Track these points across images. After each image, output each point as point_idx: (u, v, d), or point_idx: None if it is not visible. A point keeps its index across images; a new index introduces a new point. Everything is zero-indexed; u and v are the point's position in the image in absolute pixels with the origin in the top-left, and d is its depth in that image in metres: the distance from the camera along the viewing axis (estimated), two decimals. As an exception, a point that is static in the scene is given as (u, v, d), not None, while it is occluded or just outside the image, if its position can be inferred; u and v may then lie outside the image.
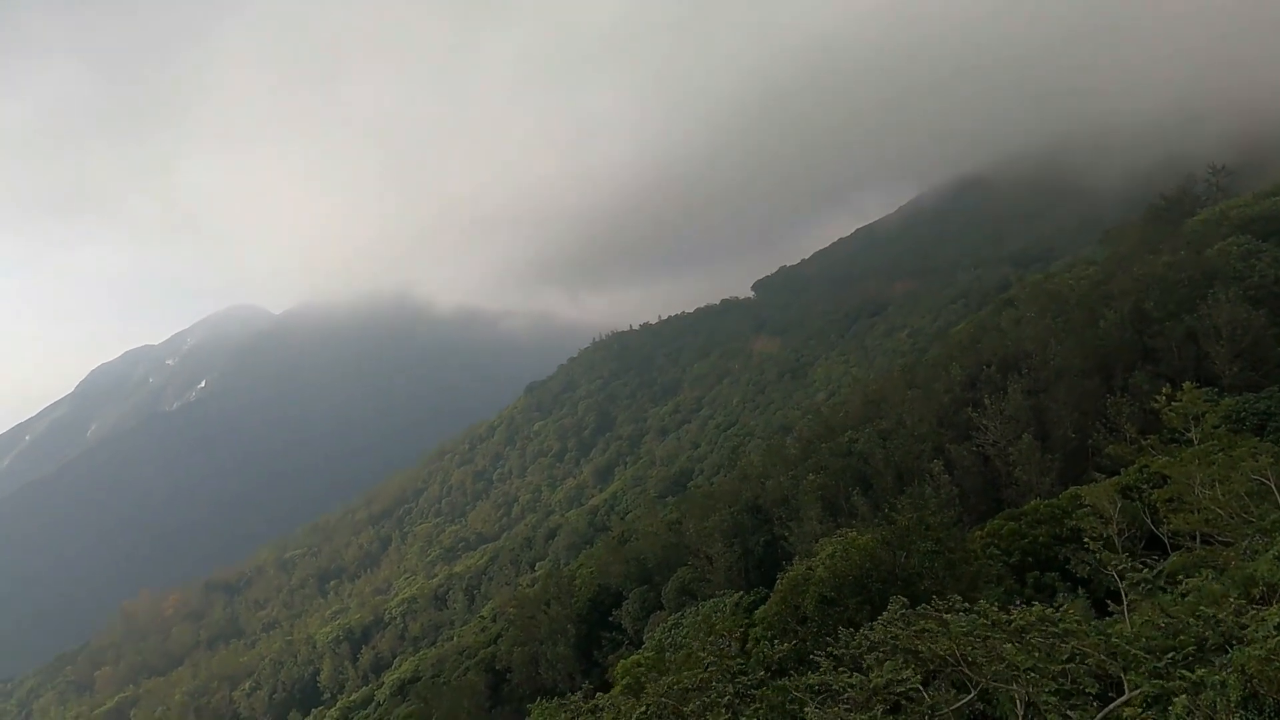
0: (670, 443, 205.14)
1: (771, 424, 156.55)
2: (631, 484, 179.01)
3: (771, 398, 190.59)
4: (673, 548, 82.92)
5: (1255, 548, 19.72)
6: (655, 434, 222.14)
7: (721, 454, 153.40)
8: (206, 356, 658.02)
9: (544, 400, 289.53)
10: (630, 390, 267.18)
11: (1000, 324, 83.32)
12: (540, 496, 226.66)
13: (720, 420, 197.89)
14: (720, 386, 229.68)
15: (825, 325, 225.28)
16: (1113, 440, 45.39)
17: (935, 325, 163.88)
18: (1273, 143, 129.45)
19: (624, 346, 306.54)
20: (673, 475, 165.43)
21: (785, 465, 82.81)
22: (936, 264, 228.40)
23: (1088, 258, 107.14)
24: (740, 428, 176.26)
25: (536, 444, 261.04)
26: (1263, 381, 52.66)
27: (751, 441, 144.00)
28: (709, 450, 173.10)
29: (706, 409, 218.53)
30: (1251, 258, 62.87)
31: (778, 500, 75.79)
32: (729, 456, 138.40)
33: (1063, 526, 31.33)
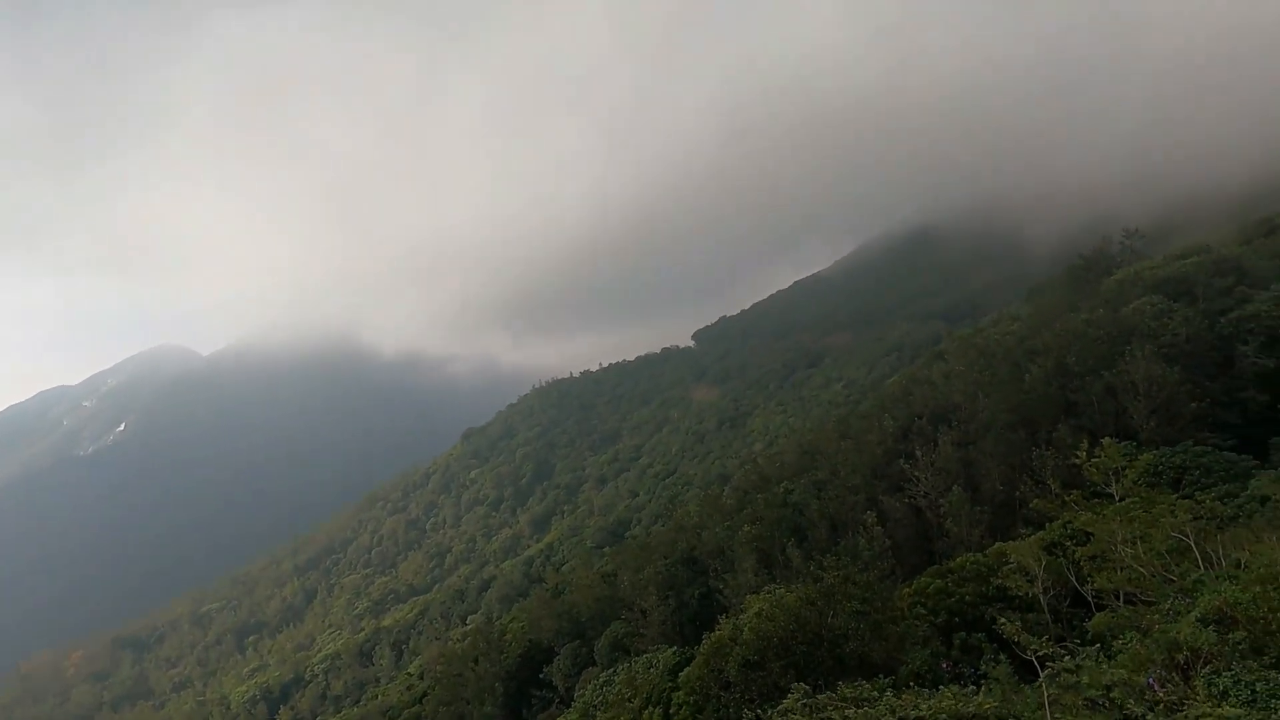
0: (608, 492, 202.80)
1: (710, 473, 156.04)
2: (568, 534, 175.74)
3: (710, 446, 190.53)
4: (607, 600, 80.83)
5: (1177, 608, 19.52)
6: (594, 483, 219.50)
7: (659, 503, 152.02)
8: (128, 398, 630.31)
9: (482, 447, 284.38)
10: (569, 438, 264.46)
11: (931, 377, 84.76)
12: (475, 546, 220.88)
13: (659, 469, 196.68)
14: (660, 435, 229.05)
15: (764, 375, 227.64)
16: (1038, 494, 45.88)
17: (870, 377, 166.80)
18: (1186, 210, 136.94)
19: (564, 394, 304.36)
20: (610, 525, 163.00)
21: (721, 516, 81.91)
22: (873, 316, 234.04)
23: (1013, 313, 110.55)
24: (679, 477, 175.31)
25: (473, 492, 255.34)
26: (1178, 436, 54.19)
27: (689, 491, 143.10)
28: (647, 499, 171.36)
29: (646, 457, 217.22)
30: (1164, 317, 65.28)
31: (713, 551, 74.72)
32: (666, 506, 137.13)
33: (989, 585, 31.09)
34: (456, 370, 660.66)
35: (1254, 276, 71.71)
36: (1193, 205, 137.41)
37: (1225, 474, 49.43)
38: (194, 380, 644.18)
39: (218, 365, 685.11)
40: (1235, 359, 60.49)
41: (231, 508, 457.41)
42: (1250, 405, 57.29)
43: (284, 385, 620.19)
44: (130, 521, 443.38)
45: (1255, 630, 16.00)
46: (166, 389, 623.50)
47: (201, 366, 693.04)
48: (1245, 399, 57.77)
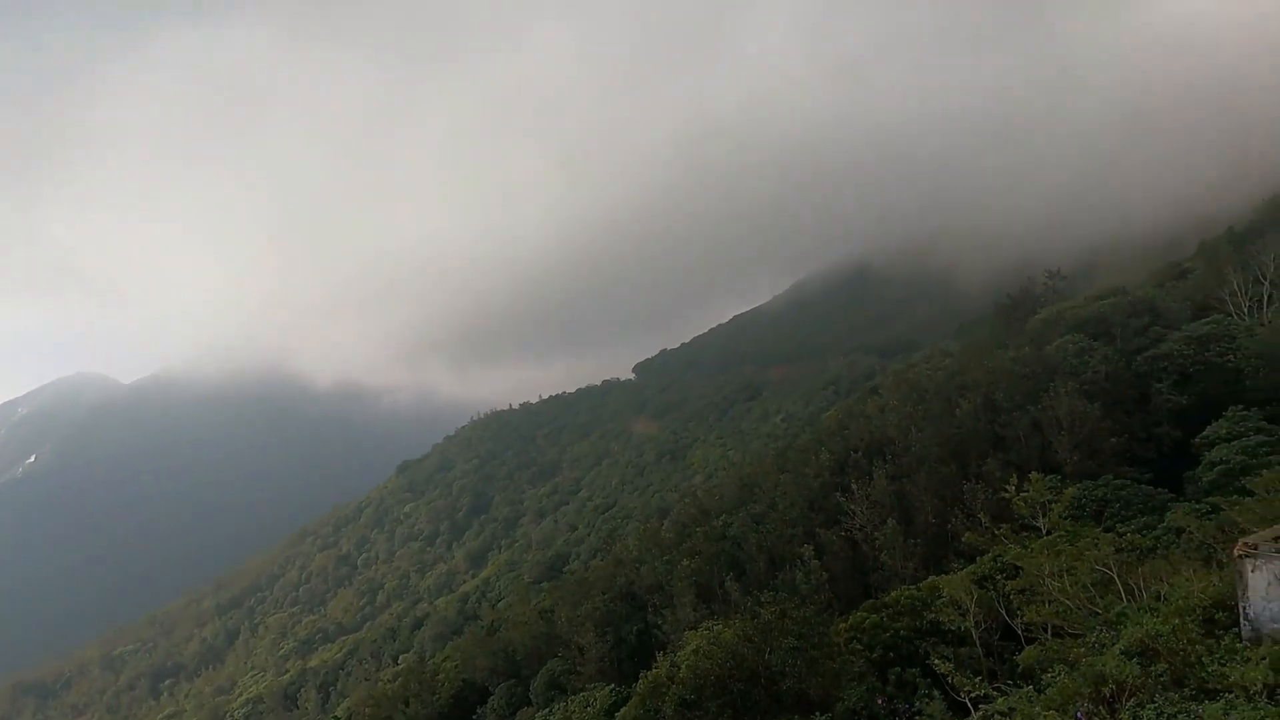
0: (547, 525, 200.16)
1: (649, 506, 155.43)
2: (505, 569, 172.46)
3: (650, 479, 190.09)
4: (543, 638, 79.24)
5: (1102, 641, 19.95)
6: (532, 516, 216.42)
7: (599, 537, 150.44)
8: (40, 428, 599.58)
9: (417, 480, 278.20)
10: (508, 471, 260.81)
11: (867, 411, 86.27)
12: (408, 583, 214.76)
13: (599, 502, 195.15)
14: (600, 468, 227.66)
15: (704, 408, 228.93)
16: (969, 527, 46.85)
17: (808, 410, 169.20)
18: (1106, 253, 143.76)
19: (503, 426, 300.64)
20: (548, 560, 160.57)
21: (660, 550, 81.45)
22: (811, 350, 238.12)
23: (945, 350, 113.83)
24: (618, 510, 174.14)
25: (407, 526, 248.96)
26: (1099, 469, 56.28)
27: (629, 524, 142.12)
28: (587, 533, 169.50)
29: (585, 490, 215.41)
30: (1084, 355, 67.99)
31: (652, 586, 74.16)
32: (605, 540, 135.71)
33: (923, 619, 31.46)
34: (396, 401, 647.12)
35: (1166, 317, 75.33)
36: (1113, 249, 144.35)
37: (1144, 506, 51.39)
38: (113, 409, 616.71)
39: (140, 394, 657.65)
40: (1150, 395, 63.21)
41: (151, 545, 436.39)
42: (1165, 440, 59.82)
43: (211, 415, 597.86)
44: (39, 560, 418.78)
45: (1175, 662, 16.37)
46: (83, 418, 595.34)
47: (122, 394, 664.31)
48: (1160, 434, 60.32)
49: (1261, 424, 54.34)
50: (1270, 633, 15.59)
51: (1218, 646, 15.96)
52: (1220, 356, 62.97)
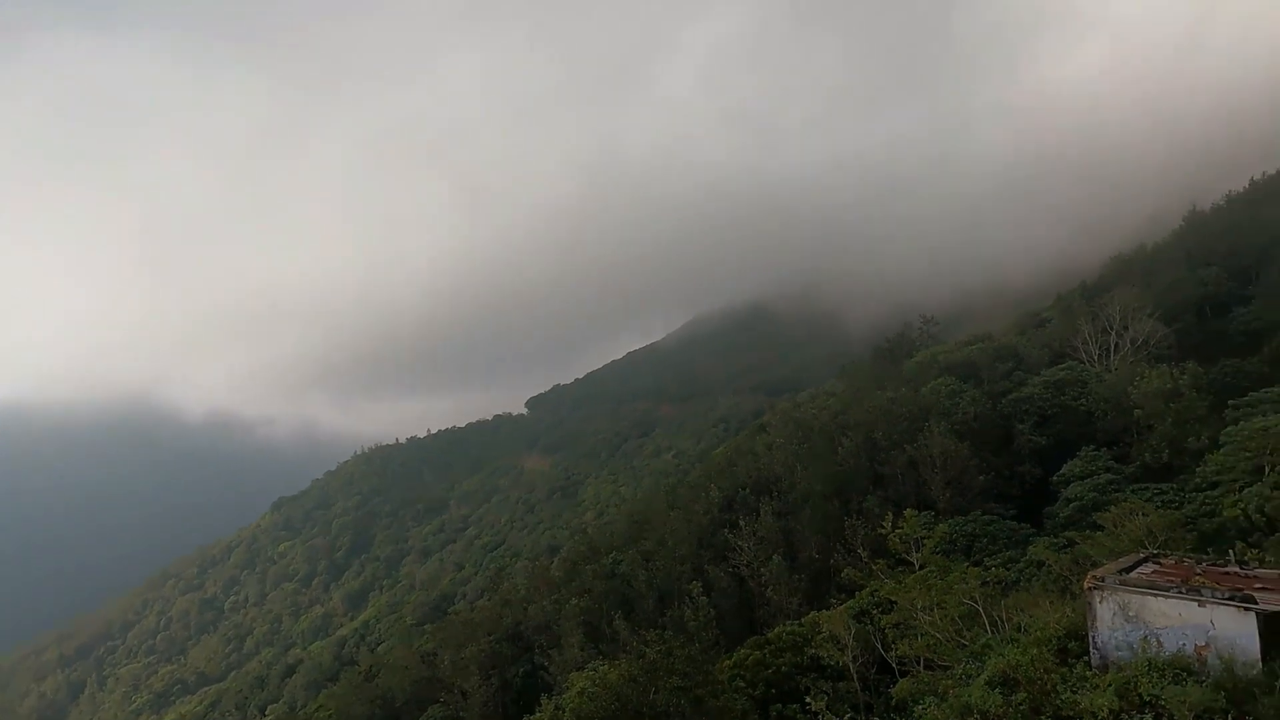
0: (432, 565, 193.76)
1: (539, 544, 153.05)
2: (387, 611, 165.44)
3: (541, 517, 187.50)
4: (425, 682, 76.17)
5: (969, 672, 20.78)
6: (417, 555, 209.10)
7: (486, 576, 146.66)
8: None
9: (294, 517, 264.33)
10: (392, 508, 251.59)
11: (755, 448, 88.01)
12: (280, 627, 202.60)
13: (487, 540, 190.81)
14: (489, 505, 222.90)
15: (596, 444, 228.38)
16: (850, 562, 48.27)
17: (699, 447, 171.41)
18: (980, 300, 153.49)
19: (389, 461, 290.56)
20: (433, 600, 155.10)
21: (549, 589, 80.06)
22: (703, 388, 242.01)
23: (829, 389, 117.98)
24: (507, 548, 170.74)
25: (281, 567, 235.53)
26: (969, 506, 59.37)
27: (518, 563, 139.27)
28: (474, 572, 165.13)
29: (474, 528, 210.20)
30: (956, 396, 71.99)
31: (540, 626, 72.73)
32: (493, 579, 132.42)
33: (804, 655, 32.06)
34: (273, 433, 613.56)
35: (1028, 363, 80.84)
36: (986, 297, 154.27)
37: (1008, 541, 54.41)
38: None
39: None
40: (1014, 436, 67.37)
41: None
42: (1027, 478, 63.82)
43: (64, 448, 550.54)
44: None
45: (1034, 691, 17.21)
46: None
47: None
48: (1023, 472, 64.32)
49: (1110, 463, 58.80)
50: (1115, 660, 16.65)
51: (1070, 674, 16.92)
52: (1074, 400, 67.97)
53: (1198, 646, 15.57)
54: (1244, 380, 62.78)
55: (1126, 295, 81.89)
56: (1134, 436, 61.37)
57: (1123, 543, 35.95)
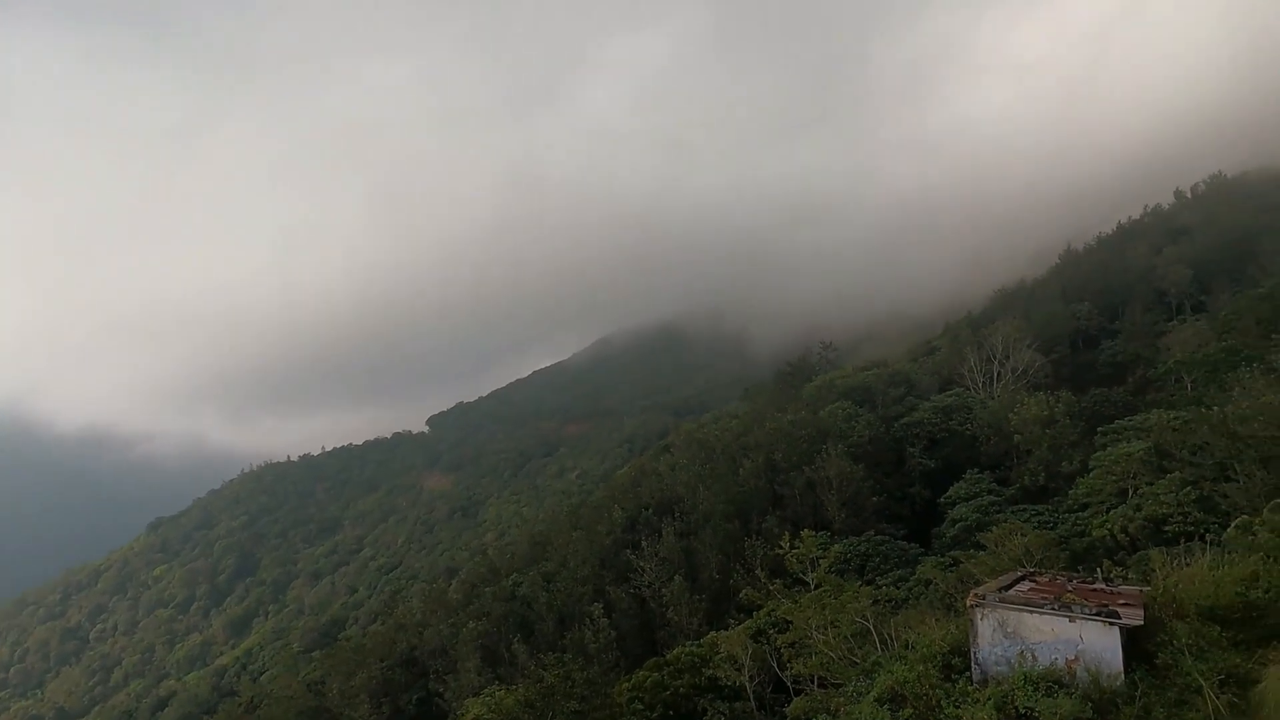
0: (323, 588, 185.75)
1: (437, 566, 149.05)
2: (272, 637, 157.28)
3: (440, 537, 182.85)
4: (311, 713, 72.60)
5: (860, 690, 21.30)
6: (307, 578, 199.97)
7: (380, 600, 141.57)
8: None
9: (172, 539, 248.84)
10: (282, 528, 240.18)
11: (659, 468, 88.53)
12: (153, 657, 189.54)
13: (383, 562, 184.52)
14: (386, 525, 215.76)
15: (499, 464, 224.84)
16: (749, 582, 48.93)
17: (603, 467, 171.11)
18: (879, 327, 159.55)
19: (279, 479, 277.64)
20: (322, 625, 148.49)
21: (446, 612, 77.96)
22: (610, 407, 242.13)
23: (732, 411, 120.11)
24: (404, 570, 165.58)
25: (156, 592, 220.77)
26: (863, 526, 61.29)
27: (414, 585, 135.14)
28: (367, 595, 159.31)
29: (369, 549, 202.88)
30: (852, 420, 74.47)
31: (436, 651, 70.70)
32: (388, 603, 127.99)
33: (702, 676, 32.23)
34: (154, 450, 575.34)
35: (919, 388, 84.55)
36: (886, 324, 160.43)
37: (899, 560, 56.37)
38: None
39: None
40: (905, 458, 70.16)
41: None
42: (917, 499, 66.49)
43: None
44: None
45: (920, 706, 17.75)
46: None
47: None
48: (913, 494, 66.99)
49: (992, 485, 61.93)
50: (995, 675, 17.39)
51: (954, 690, 17.56)
52: (961, 425, 71.40)
53: (1068, 660, 16.43)
54: (1111, 408, 67.44)
55: (1008, 327, 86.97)
56: (1014, 460, 64.91)
57: (1003, 561, 37.79)
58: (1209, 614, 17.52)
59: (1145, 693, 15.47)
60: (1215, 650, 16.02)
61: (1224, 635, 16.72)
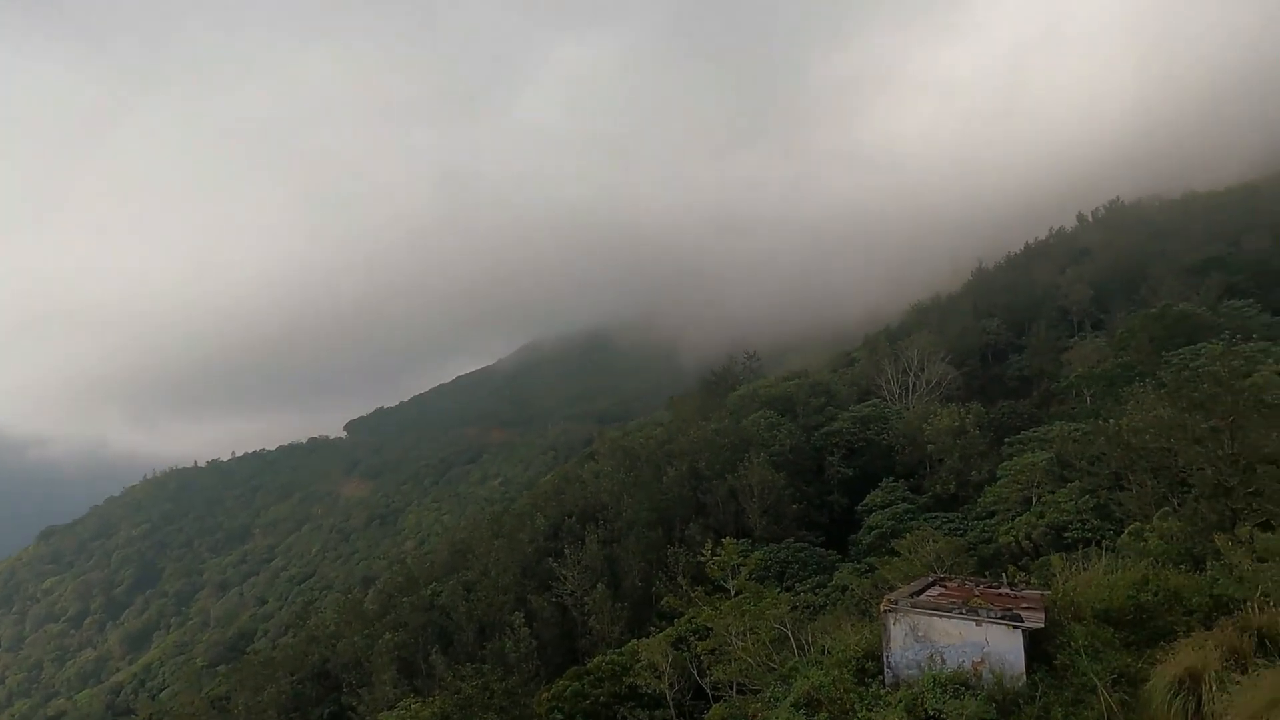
0: (231, 599, 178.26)
1: (353, 575, 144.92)
2: (174, 652, 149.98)
3: (356, 546, 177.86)
4: (214, 731, 69.47)
5: (777, 695, 21.57)
6: (213, 589, 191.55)
7: (292, 611, 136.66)
8: None
9: (65, 549, 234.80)
10: (187, 537, 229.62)
11: (583, 476, 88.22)
12: (40, 675, 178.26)
13: (295, 571, 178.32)
14: (300, 533, 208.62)
15: (420, 470, 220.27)
16: (671, 590, 49.18)
17: (527, 474, 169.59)
18: (804, 338, 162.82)
19: (185, 486, 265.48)
20: (229, 639, 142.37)
21: (361, 623, 75.77)
22: (536, 414, 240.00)
23: (657, 419, 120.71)
24: (318, 580, 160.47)
25: (46, 605, 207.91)
26: (783, 534, 62.40)
27: (328, 595, 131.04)
28: (278, 606, 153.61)
29: (280, 559, 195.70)
30: (774, 429, 75.83)
31: (350, 663, 68.63)
32: (300, 614, 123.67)
33: (622, 684, 32.19)
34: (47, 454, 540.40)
35: (838, 399, 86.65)
36: (812, 335, 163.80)
37: (817, 567, 57.60)
38: None
39: None
40: (825, 467, 71.81)
41: None
42: (835, 507, 68.12)
43: None
44: None
45: (834, 710, 18.10)
46: None
47: None
48: (832, 501, 68.61)
49: (907, 493, 63.96)
50: (906, 678, 17.88)
51: (867, 693, 17.97)
52: (877, 435, 73.52)
53: (974, 662, 17.01)
54: (1017, 420, 70.59)
55: (923, 340, 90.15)
56: (927, 469, 67.18)
57: (916, 567, 39.00)
58: (1104, 616, 18.42)
59: (1045, 693, 16.14)
60: (1109, 651, 16.83)
61: (1117, 636, 17.60)
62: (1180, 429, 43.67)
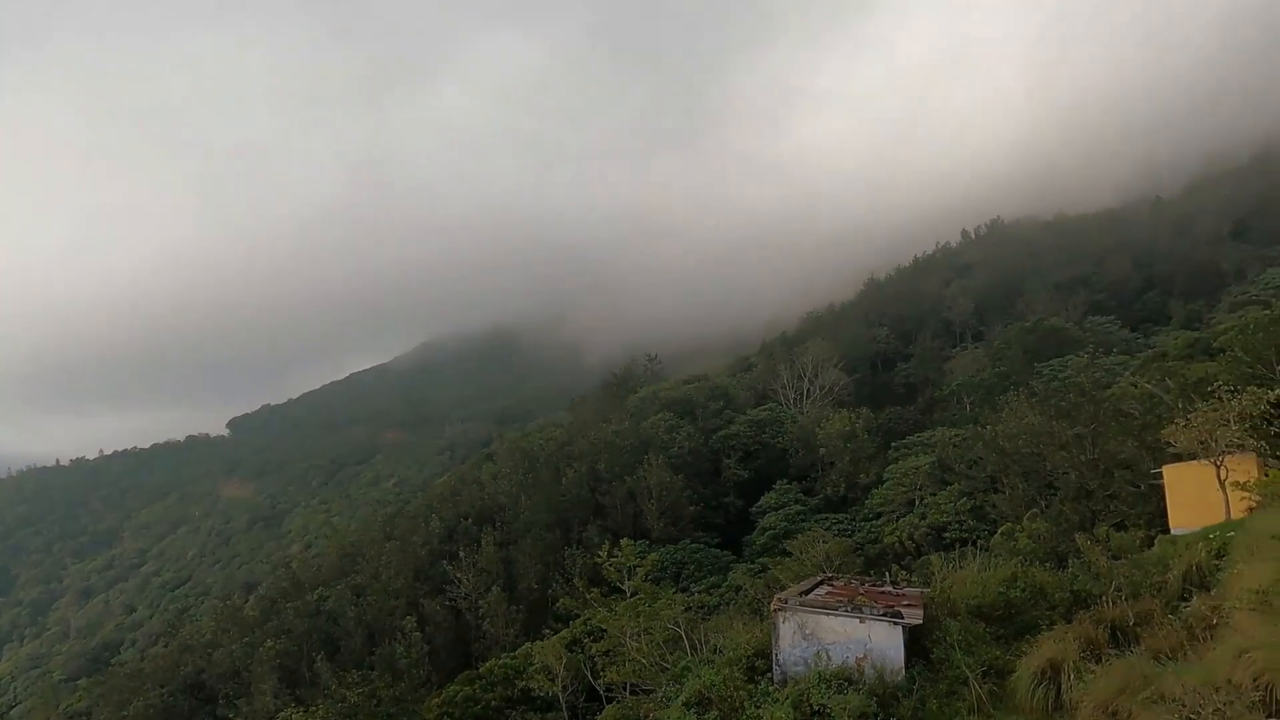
0: (94, 607, 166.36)
1: (233, 581, 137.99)
2: (27, 665, 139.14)
3: (237, 550, 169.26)
4: (72, 750, 64.77)
5: (669, 695, 21.76)
6: (74, 597, 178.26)
7: (164, 619, 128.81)
8: None
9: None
10: (45, 541, 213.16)
11: (480, 477, 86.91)
12: None
13: (168, 577, 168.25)
14: (175, 536, 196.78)
15: (308, 470, 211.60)
16: (567, 591, 48.98)
17: (422, 476, 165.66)
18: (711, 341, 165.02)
19: (45, 486, 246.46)
20: (92, 650, 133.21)
21: (241, 630, 72.37)
22: (433, 414, 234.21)
23: (557, 420, 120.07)
24: (194, 586, 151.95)
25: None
26: (680, 535, 63.27)
27: (205, 602, 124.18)
28: (149, 614, 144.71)
29: (152, 563, 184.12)
30: (674, 431, 76.72)
31: (227, 673, 65.52)
32: (173, 622, 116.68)
33: (515, 688, 31.84)
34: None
35: (736, 402, 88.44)
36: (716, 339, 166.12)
37: (713, 568, 58.64)
38: None
39: None
40: (722, 469, 73.16)
41: None
42: (731, 508, 69.47)
43: None
44: None
45: (725, 708, 18.40)
46: None
47: None
48: (728, 503, 69.93)
49: (799, 495, 65.94)
50: (794, 675, 18.37)
51: (756, 691, 18.36)
52: (773, 438, 75.48)
53: (858, 658, 17.65)
54: (904, 425, 73.86)
55: (818, 347, 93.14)
56: (819, 472, 69.45)
57: (806, 567, 40.24)
58: (976, 612, 19.46)
59: (922, 685, 16.91)
60: (980, 644, 17.79)
61: (988, 631, 18.62)
62: (1048, 435, 46.92)
